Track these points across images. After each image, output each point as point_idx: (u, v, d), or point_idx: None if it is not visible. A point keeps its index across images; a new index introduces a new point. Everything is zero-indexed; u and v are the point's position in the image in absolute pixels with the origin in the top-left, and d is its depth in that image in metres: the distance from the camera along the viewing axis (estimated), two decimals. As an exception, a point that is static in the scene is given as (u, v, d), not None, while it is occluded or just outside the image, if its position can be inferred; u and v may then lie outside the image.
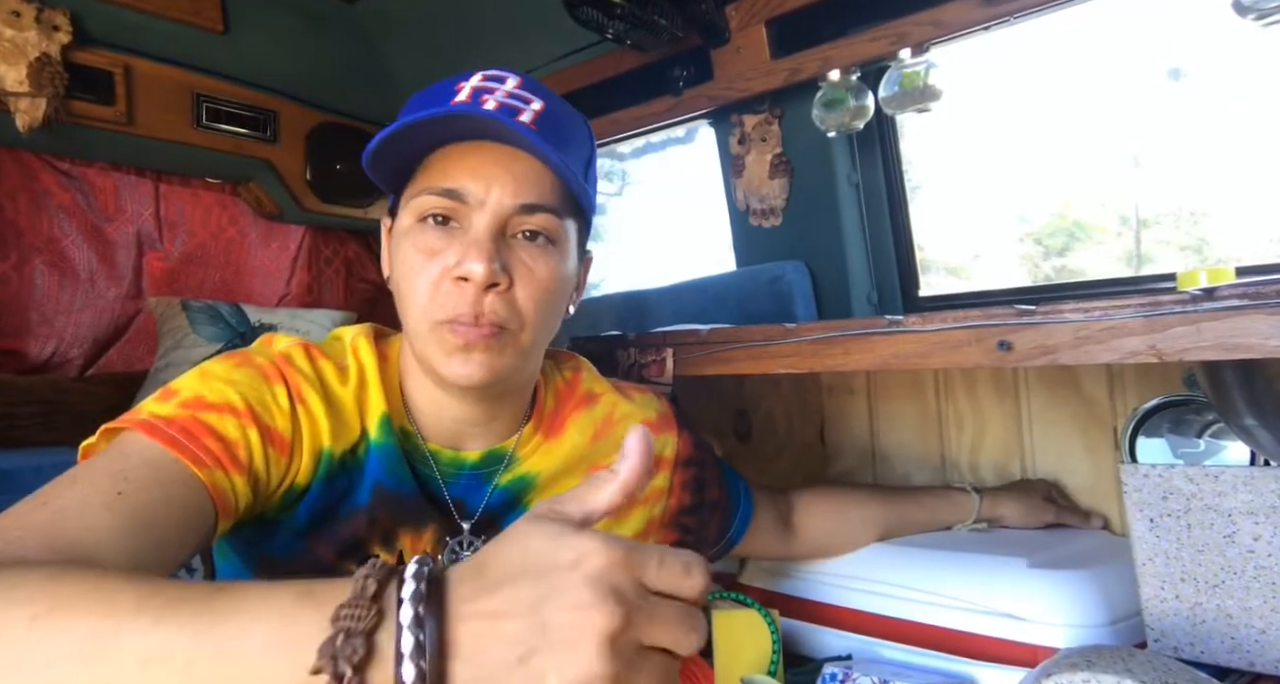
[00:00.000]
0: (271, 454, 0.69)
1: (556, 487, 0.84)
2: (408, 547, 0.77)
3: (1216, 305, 0.67)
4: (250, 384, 0.71)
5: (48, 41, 1.62)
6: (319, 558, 0.74)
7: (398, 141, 0.71)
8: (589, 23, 1.42)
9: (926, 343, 0.84)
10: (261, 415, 0.69)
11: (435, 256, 0.72)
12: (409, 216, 0.74)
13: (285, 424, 0.71)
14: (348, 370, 0.78)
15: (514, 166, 0.72)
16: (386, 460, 0.76)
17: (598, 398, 0.89)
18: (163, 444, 0.63)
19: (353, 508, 0.75)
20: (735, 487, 0.99)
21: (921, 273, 1.59)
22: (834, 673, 0.93)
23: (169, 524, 0.60)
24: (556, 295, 0.76)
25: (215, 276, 2.18)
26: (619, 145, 1.94)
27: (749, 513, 0.99)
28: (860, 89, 1.40)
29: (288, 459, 0.71)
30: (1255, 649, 0.79)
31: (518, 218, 0.72)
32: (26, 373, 1.82)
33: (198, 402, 0.67)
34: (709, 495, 0.95)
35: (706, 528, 0.96)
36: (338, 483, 0.74)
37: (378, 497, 0.75)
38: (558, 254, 0.75)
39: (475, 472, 0.81)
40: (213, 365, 0.72)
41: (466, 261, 0.70)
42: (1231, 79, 1.48)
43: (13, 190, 1.81)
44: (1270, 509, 0.77)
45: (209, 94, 1.93)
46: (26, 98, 1.61)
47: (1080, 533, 1.09)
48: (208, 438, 0.65)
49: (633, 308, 1.82)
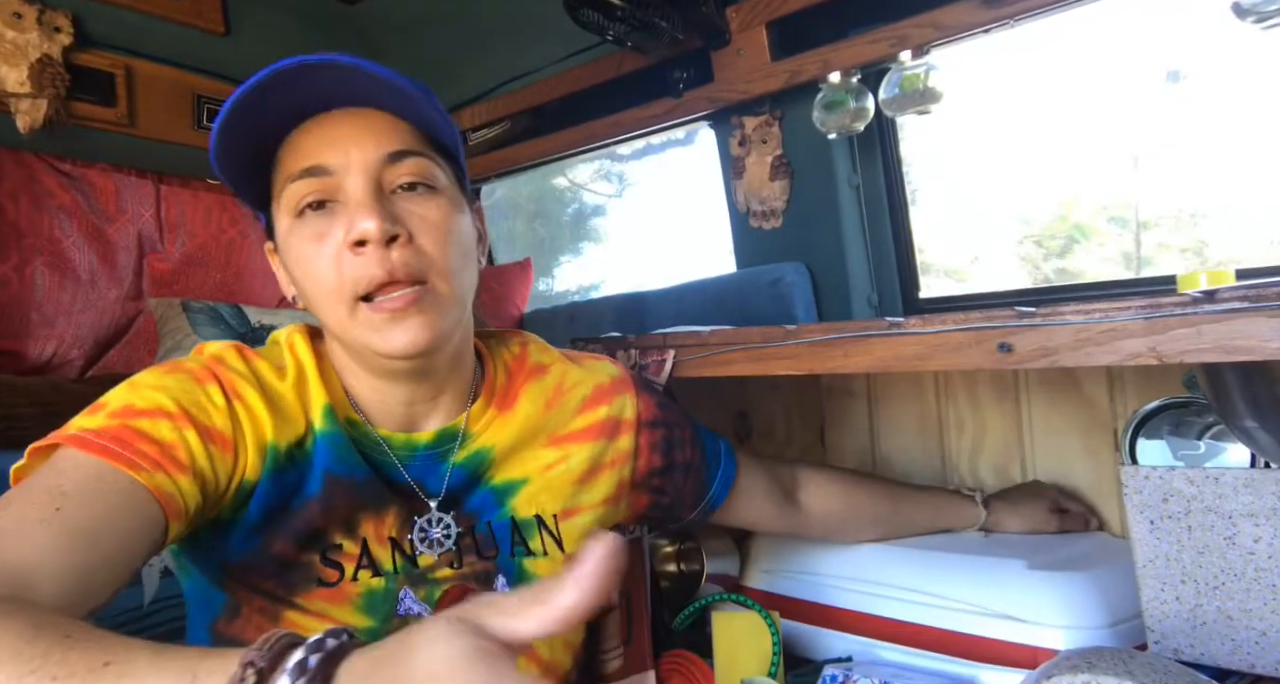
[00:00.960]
0: (214, 451, 0.68)
1: (514, 458, 0.84)
2: (370, 532, 0.76)
3: (1217, 307, 0.67)
4: (181, 388, 0.69)
5: (49, 43, 1.62)
6: (277, 553, 0.73)
7: (235, 136, 0.68)
8: (589, 25, 1.42)
9: (927, 345, 0.84)
10: (197, 416, 0.68)
11: (325, 239, 0.70)
12: (285, 217, 0.72)
13: (224, 421, 0.70)
14: (285, 368, 0.76)
15: (366, 122, 0.71)
16: (334, 449, 0.75)
17: (547, 368, 0.89)
18: (97, 455, 0.62)
19: (306, 499, 0.74)
20: (713, 448, 0.98)
21: (922, 275, 1.59)
22: (834, 675, 0.93)
23: (113, 536, 0.58)
24: (460, 239, 0.74)
25: (216, 278, 2.18)
26: (619, 147, 1.94)
27: (730, 474, 0.98)
28: (861, 91, 1.40)
29: (233, 455, 0.70)
30: (1256, 651, 0.79)
31: (389, 171, 0.71)
32: (26, 374, 1.82)
33: (127, 410, 0.66)
34: (680, 456, 0.94)
35: (681, 490, 0.95)
36: (287, 476, 0.73)
37: (331, 485, 0.74)
38: (444, 199, 0.73)
39: (430, 452, 0.80)
40: (142, 376, 0.71)
41: (356, 224, 0.68)
42: (1231, 81, 1.48)
43: (14, 191, 1.81)
44: (1270, 511, 0.77)
45: (210, 95, 1.93)
46: (28, 99, 1.61)
47: (1080, 535, 1.09)
48: (142, 442, 0.64)
49: (633, 309, 1.82)
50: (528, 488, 0.84)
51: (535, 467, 0.85)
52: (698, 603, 1.05)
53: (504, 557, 0.82)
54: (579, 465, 0.87)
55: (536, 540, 0.83)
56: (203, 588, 0.76)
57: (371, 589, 0.75)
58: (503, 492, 0.83)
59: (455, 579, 0.79)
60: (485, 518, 0.82)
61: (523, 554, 0.83)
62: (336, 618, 0.74)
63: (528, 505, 0.84)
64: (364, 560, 0.75)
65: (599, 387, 0.91)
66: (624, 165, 2.99)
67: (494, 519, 0.82)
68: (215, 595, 0.74)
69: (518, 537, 0.83)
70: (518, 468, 0.84)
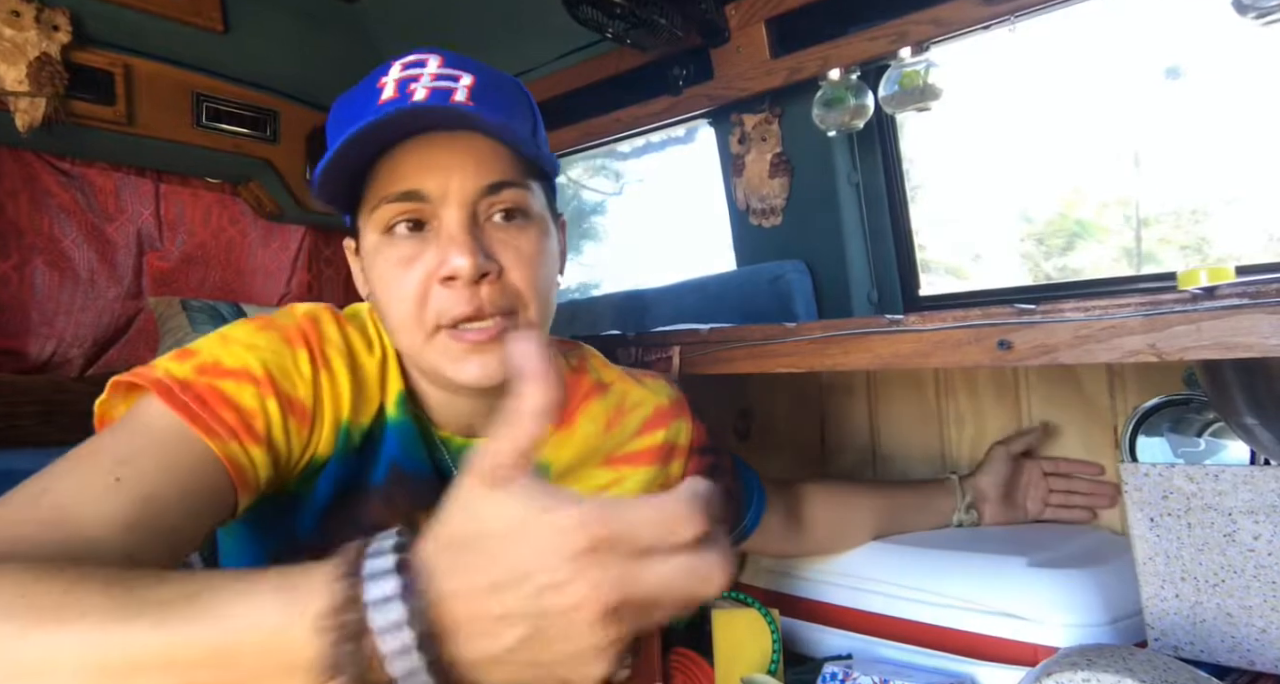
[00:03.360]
0: (292, 425, 0.66)
1: (570, 478, 0.82)
2: None
3: (1217, 304, 0.67)
4: (272, 349, 0.67)
5: (48, 41, 1.62)
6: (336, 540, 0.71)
7: (336, 160, 0.67)
8: (589, 22, 1.41)
9: (927, 342, 0.84)
10: (281, 383, 0.66)
11: (413, 264, 0.68)
12: (373, 231, 0.71)
13: (306, 392, 0.68)
14: (373, 342, 0.75)
15: (466, 150, 0.68)
16: (403, 439, 0.73)
17: (608, 386, 0.87)
18: (177, 412, 0.61)
19: (369, 487, 0.73)
20: (749, 479, 0.99)
21: (922, 273, 1.59)
22: (834, 672, 0.93)
23: (180, 505, 0.57)
24: (549, 269, 0.73)
25: (215, 276, 2.18)
26: (619, 144, 1.94)
27: (762, 505, 0.99)
28: (860, 88, 1.40)
29: (309, 430, 0.68)
30: (1255, 648, 0.79)
31: (486, 201, 0.69)
32: (27, 372, 1.82)
33: (215, 367, 0.64)
34: (724, 484, 0.94)
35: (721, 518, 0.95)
36: (354, 460, 0.72)
37: (394, 477, 0.73)
38: (536, 227, 0.71)
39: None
40: (234, 329, 0.69)
41: (449, 260, 0.66)
42: (1231, 77, 1.47)
43: (13, 190, 1.81)
44: (1270, 508, 0.77)
45: (209, 94, 1.93)
46: (26, 97, 1.61)
47: (1080, 532, 1.09)
48: (222, 407, 0.62)
49: (633, 307, 1.82)
50: None
51: (590, 488, 0.82)
52: (698, 601, 1.04)
53: None
54: (633, 489, 0.85)
55: None
56: (249, 551, 0.74)
57: None
58: None
59: None
60: None
61: None
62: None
63: None
64: None
65: (659, 408, 0.89)
66: (624, 163, 2.99)
67: None
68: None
69: None
70: (574, 486, 0.82)
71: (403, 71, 0.70)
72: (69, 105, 1.68)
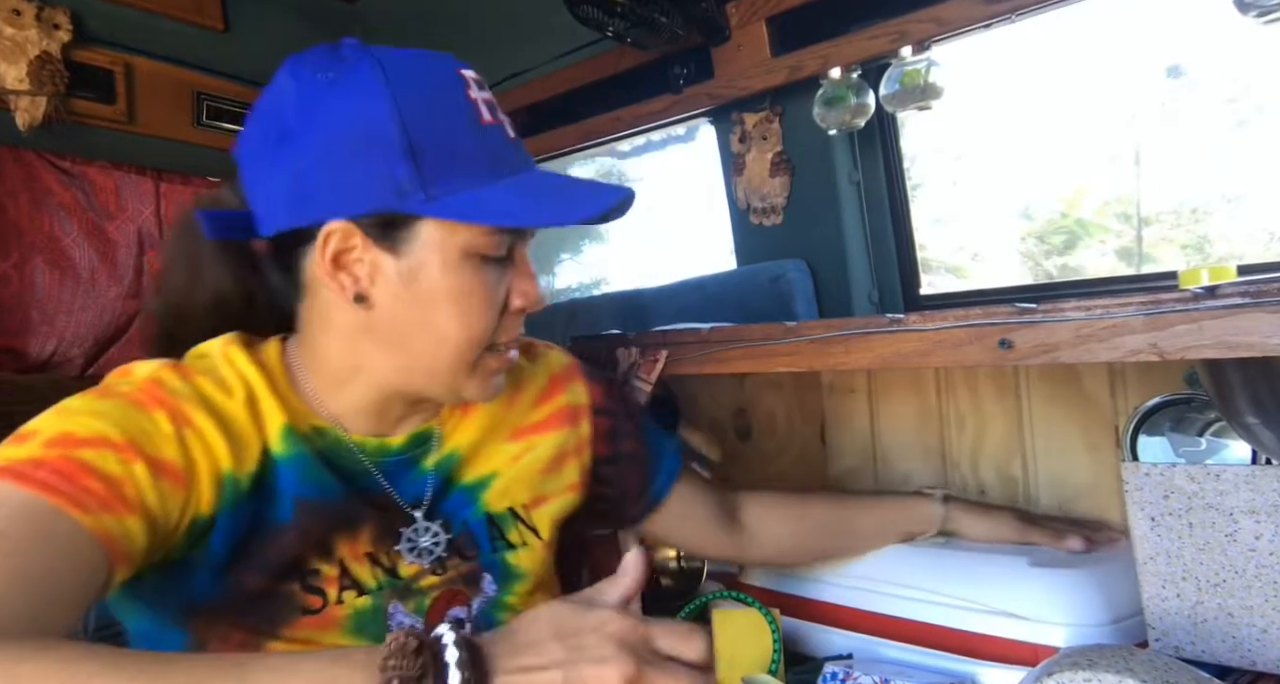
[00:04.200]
0: (165, 488, 0.62)
1: (480, 455, 0.83)
2: (346, 552, 0.73)
3: (1218, 303, 0.67)
4: (122, 413, 0.63)
5: (48, 40, 1.62)
6: (253, 588, 0.69)
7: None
8: (589, 21, 1.41)
9: (927, 341, 0.84)
10: (144, 446, 0.62)
11: (497, 290, 0.73)
12: (441, 254, 0.69)
13: (174, 452, 0.64)
14: (230, 385, 0.70)
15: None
16: (301, 472, 0.71)
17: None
18: (36, 491, 0.55)
19: (275, 529, 0.70)
20: (659, 445, 0.97)
21: (922, 272, 1.58)
22: (835, 672, 0.93)
23: (56, 583, 0.53)
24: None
25: (216, 275, 2.18)
26: (619, 144, 1.93)
27: (674, 471, 0.97)
28: (861, 87, 1.40)
29: (185, 491, 0.64)
30: (1256, 648, 0.79)
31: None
32: (27, 371, 1.82)
33: (66, 439, 0.59)
34: (625, 447, 0.94)
35: (626, 481, 0.95)
36: (248, 508, 0.68)
37: (303, 510, 0.71)
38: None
39: (402, 456, 0.79)
40: (71, 402, 0.64)
41: (535, 294, 0.74)
42: (1233, 76, 1.47)
43: (13, 189, 1.81)
44: (1272, 508, 0.77)
45: (210, 92, 1.93)
46: (27, 96, 1.61)
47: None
48: (87, 478, 0.57)
49: (633, 307, 1.81)
50: (498, 481, 0.83)
51: (502, 460, 0.84)
52: (698, 600, 1.05)
53: (485, 554, 0.81)
54: (545, 454, 0.87)
55: (514, 532, 0.83)
56: (155, 627, 0.70)
57: (359, 610, 0.73)
58: (474, 489, 0.82)
59: (442, 585, 0.78)
60: (461, 517, 0.81)
61: (504, 548, 0.82)
62: (325, 643, 0.70)
63: (500, 499, 0.83)
64: (345, 581, 0.73)
65: (553, 376, 0.92)
66: (624, 162, 2.98)
67: (469, 517, 0.81)
68: (172, 635, 0.69)
69: (495, 531, 0.82)
70: (485, 464, 0.83)
71: (478, 91, 0.72)
72: (69, 104, 1.68)
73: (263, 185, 0.72)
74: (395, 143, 0.66)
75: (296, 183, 0.69)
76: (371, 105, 0.67)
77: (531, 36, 1.82)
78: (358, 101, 0.67)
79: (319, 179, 0.68)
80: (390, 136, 0.66)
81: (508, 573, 0.82)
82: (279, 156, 0.69)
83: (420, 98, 0.68)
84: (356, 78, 0.68)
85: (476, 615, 0.80)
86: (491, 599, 0.81)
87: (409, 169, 0.66)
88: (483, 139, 0.70)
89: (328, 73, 0.68)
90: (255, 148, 0.72)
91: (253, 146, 0.72)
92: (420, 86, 0.69)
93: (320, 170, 0.68)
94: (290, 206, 0.70)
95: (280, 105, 0.70)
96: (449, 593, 0.78)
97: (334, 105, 0.67)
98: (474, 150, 0.69)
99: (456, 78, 0.71)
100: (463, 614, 0.78)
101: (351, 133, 0.67)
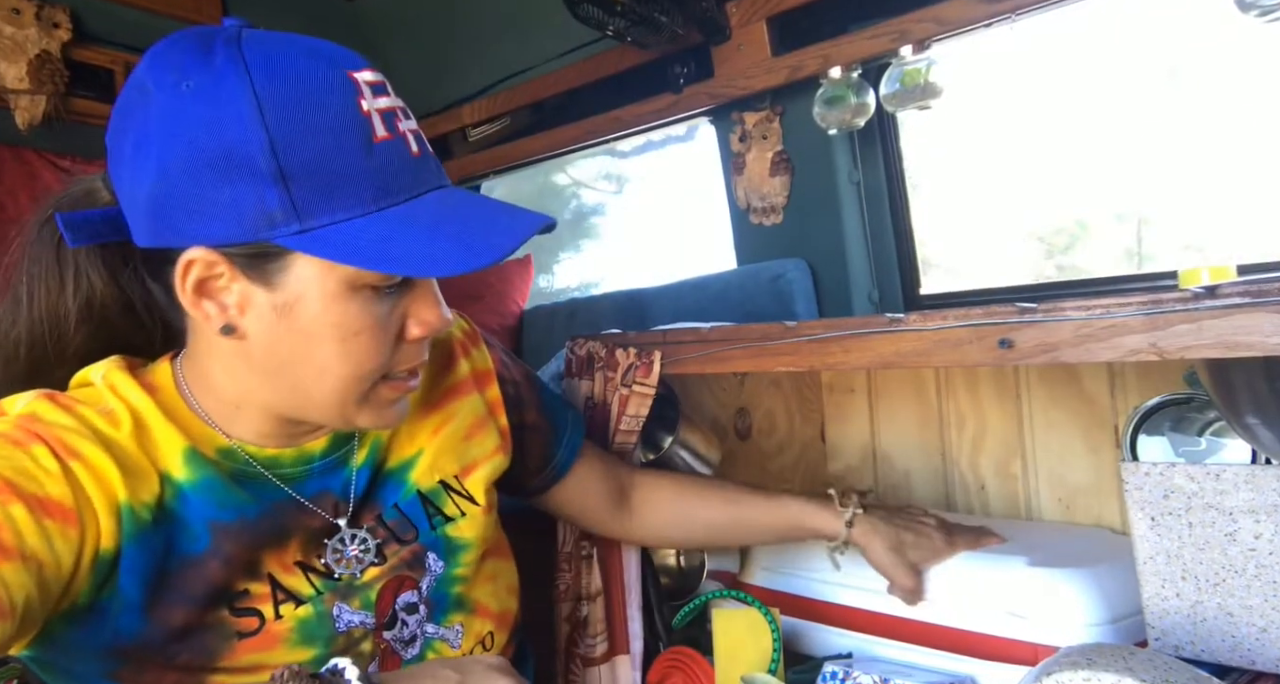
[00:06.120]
0: (51, 528, 0.56)
1: (402, 436, 0.80)
2: (275, 567, 0.69)
3: (1218, 303, 0.67)
4: None
5: (48, 39, 1.62)
6: (178, 624, 0.64)
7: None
8: (589, 20, 1.41)
9: (927, 341, 0.84)
10: (24, 485, 0.56)
11: (389, 320, 0.65)
12: (338, 285, 0.62)
13: (60, 489, 0.58)
14: (115, 415, 0.65)
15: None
16: (212, 494, 0.66)
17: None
18: None
19: (193, 559, 0.65)
20: (560, 417, 0.96)
21: (922, 271, 1.58)
22: (834, 671, 0.93)
23: None
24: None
25: (216, 274, 2.17)
26: (620, 143, 1.93)
27: (576, 443, 0.96)
28: (861, 86, 1.40)
29: (78, 527, 0.58)
30: (1256, 648, 0.79)
31: None
32: (27, 371, 1.83)
33: None
34: (526, 418, 0.92)
35: (528, 452, 0.92)
36: (154, 540, 0.63)
37: (220, 535, 0.66)
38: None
39: (327, 459, 0.75)
40: None
41: (439, 319, 0.67)
42: (1233, 76, 1.47)
43: (13, 188, 1.81)
44: (1272, 507, 0.77)
45: (209, 92, 1.93)
46: (27, 95, 1.61)
47: (1081, 531, 1.09)
48: None
49: (632, 306, 1.82)
50: (424, 458, 0.81)
51: (424, 435, 0.81)
52: (698, 599, 1.05)
53: (425, 533, 0.79)
54: (465, 421, 0.84)
55: (450, 505, 0.81)
56: (82, 681, 0.65)
57: (302, 620, 0.70)
58: (400, 471, 0.80)
59: (386, 574, 0.75)
60: (390, 503, 0.78)
61: (442, 523, 0.80)
62: (272, 663, 0.66)
63: (429, 474, 0.80)
64: (280, 595, 0.69)
65: (456, 341, 0.88)
66: (624, 162, 2.98)
67: (399, 501, 0.79)
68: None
69: (431, 508, 0.80)
70: (408, 443, 0.80)
71: (375, 98, 0.62)
72: (69, 103, 1.68)
73: (125, 191, 0.64)
74: (262, 166, 0.58)
75: (154, 202, 0.60)
76: (236, 122, 0.58)
77: (531, 36, 1.82)
78: (220, 115, 0.58)
79: (179, 202, 0.59)
80: (256, 159, 0.58)
81: (451, 546, 0.80)
82: (138, 164, 0.61)
83: (296, 112, 0.59)
84: (219, 88, 0.59)
85: (429, 595, 0.78)
86: (440, 576, 0.79)
87: (279, 195, 0.58)
88: (371, 160, 0.61)
89: (189, 80, 0.59)
90: (117, 142, 0.63)
91: (115, 140, 0.63)
92: (297, 98, 0.59)
93: (180, 192, 0.59)
94: (150, 226, 0.62)
95: (137, 106, 0.62)
96: (395, 580, 0.76)
97: (194, 118, 0.58)
98: (360, 173, 0.60)
99: (346, 85, 0.61)
100: (414, 598, 0.77)
101: (213, 153, 0.58)
